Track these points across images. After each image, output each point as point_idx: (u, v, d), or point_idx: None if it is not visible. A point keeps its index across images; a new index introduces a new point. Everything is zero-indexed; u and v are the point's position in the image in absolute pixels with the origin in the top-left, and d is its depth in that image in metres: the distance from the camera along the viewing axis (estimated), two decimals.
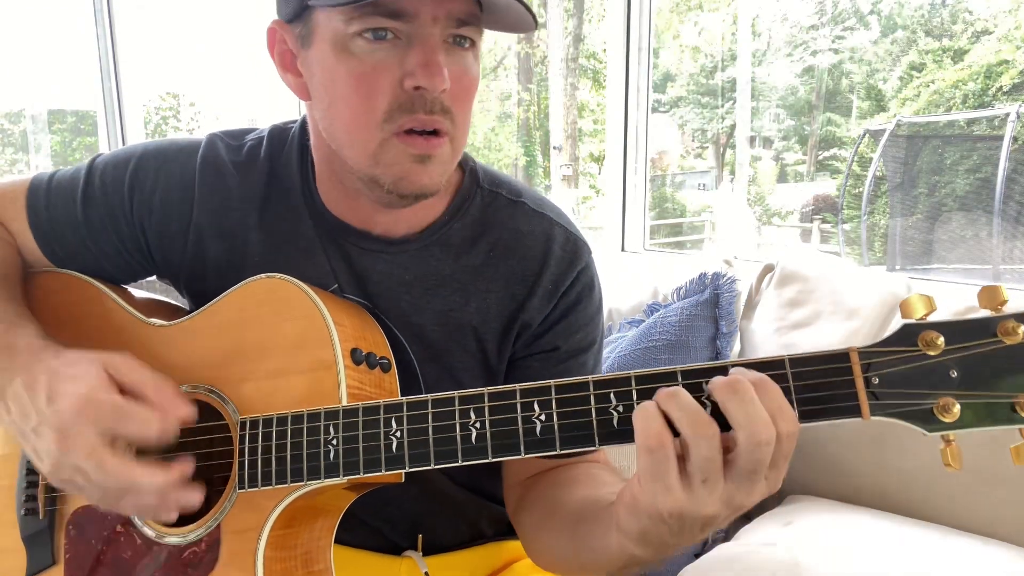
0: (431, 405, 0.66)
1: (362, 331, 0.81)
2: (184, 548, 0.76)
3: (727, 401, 0.54)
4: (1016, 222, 5.90)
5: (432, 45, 0.73)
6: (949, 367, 0.53)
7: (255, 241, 0.88)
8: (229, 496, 0.74)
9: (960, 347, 0.53)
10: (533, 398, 0.62)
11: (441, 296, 0.88)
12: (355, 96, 0.75)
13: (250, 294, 0.81)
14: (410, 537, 0.98)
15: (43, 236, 0.90)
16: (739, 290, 1.50)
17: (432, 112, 0.75)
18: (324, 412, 0.70)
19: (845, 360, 0.55)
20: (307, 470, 0.70)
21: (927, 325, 0.54)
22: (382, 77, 0.74)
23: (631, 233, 2.33)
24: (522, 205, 0.91)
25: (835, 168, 10.77)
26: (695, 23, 12.07)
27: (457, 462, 0.64)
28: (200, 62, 7.97)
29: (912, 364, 0.54)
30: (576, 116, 12.01)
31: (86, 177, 0.90)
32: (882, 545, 1.07)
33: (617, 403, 0.60)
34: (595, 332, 0.93)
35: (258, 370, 0.77)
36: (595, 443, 0.60)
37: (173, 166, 0.89)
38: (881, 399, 0.54)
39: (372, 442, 0.67)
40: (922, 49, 9.25)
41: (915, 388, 0.54)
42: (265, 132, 0.93)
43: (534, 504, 0.85)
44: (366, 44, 0.73)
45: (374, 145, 0.76)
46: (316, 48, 0.76)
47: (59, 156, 6.40)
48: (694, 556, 1.24)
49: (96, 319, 0.88)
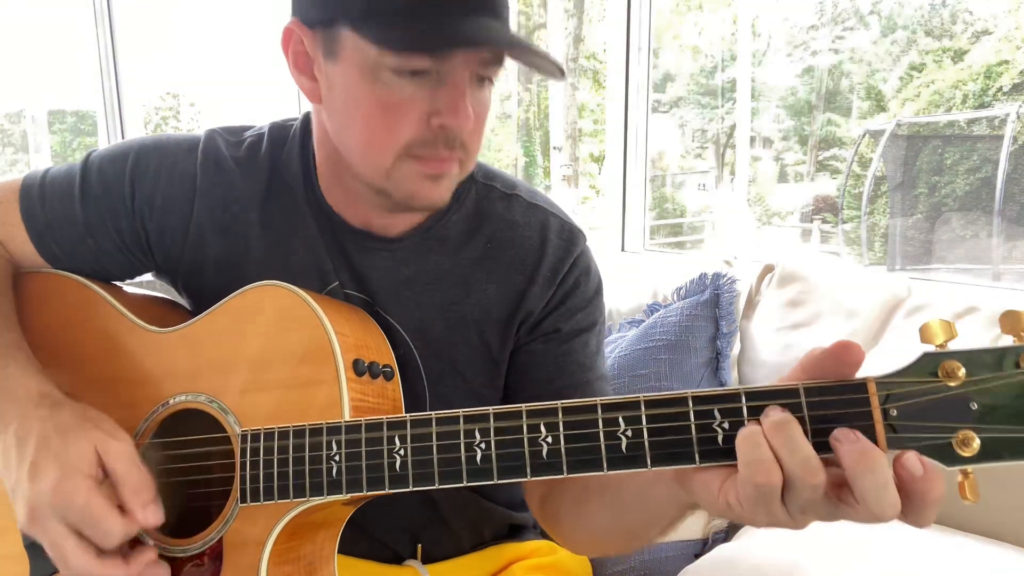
0: (435, 423, 0.64)
1: (364, 338, 0.80)
2: (187, 560, 0.75)
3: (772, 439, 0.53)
4: (1016, 222, 5.90)
5: (462, 87, 0.73)
6: (969, 399, 0.51)
7: (256, 237, 0.88)
8: (231, 509, 0.73)
9: (981, 379, 0.51)
10: (539, 419, 0.61)
11: (442, 290, 0.88)
12: (378, 123, 0.75)
13: (251, 302, 0.80)
14: (411, 545, 0.97)
15: (40, 236, 0.88)
16: (739, 290, 1.49)
17: (453, 148, 0.76)
18: (326, 427, 0.69)
19: (862, 391, 0.53)
20: (310, 486, 0.68)
21: (947, 354, 0.52)
22: (410, 111, 0.73)
23: (631, 233, 2.33)
24: (516, 198, 0.92)
25: (835, 168, 10.76)
26: (695, 23, 12.06)
27: (462, 483, 0.63)
28: (200, 62, 7.97)
29: (931, 396, 0.52)
30: (576, 116, 12.01)
31: (82, 173, 0.88)
32: (882, 545, 1.07)
33: (626, 427, 0.58)
34: (596, 313, 0.93)
35: (259, 381, 0.76)
36: (603, 468, 0.59)
37: (173, 161, 0.88)
38: (899, 432, 0.53)
39: (375, 460, 0.66)
40: (922, 49, 9.25)
41: (934, 421, 0.52)
42: (265, 129, 0.93)
43: (565, 486, 0.84)
44: (396, 76, 0.72)
45: (388, 166, 0.77)
46: (341, 66, 0.75)
47: (59, 156, 6.40)
48: (694, 556, 1.24)
49: (93, 325, 0.86)
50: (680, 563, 1.17)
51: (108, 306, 0.87)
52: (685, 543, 1.28)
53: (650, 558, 1.26)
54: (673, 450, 0.57)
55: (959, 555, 1.04)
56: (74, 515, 0.67)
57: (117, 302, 0.88)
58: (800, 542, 1.10)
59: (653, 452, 0.57)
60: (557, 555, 1.07)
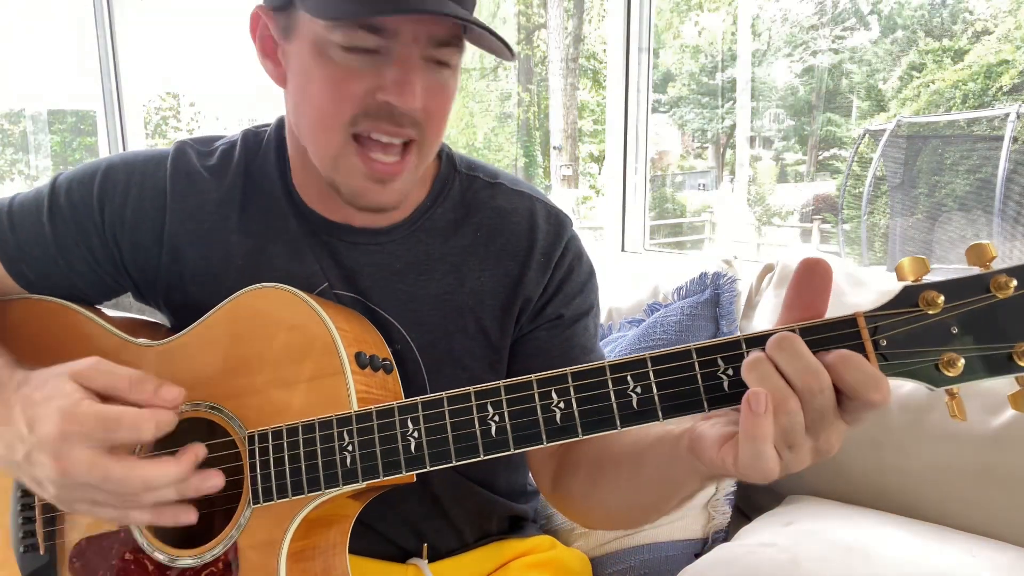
0: (447, 403, 0.65)
1: (362, 334, 0.80)
2: (200, 570, 0.74)
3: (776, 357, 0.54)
4: (1016, 222, 5.90)
5: (410, 64, 0.74)
6: (950, 324, 0.55)
7: (236, 244, 0.87)
8: (243, 512, 0.73)
9: (958, 304, 0.55)
10: (550, 387, 0.62)
11: (435, 279, 0.88)
12: (325, 98, 0.75)
13: (244, 306, 0.79)
14: (414, 539, 0.97)
15: (9, 259, 0.87)
16: (739, 290, 1.49)
17: (401, 125, 0.76)
18: (336, 419, 0.69)
19: (853, 325, 0.56)
20: (324, 478, 0.69)
21: (926, 286, 0.56)
22: (355, 85, 0.74)
23: (631, 233, 2.33)
24: (500, 186, 0.93)
25: (835, 168, 10.77)
26: (695, 23, 12.06)
27: (479, 456, 0.64)
28: (200, 62, 7.97)
29: (916, 324, 0.55)
30: (576, 116, 12.00)
31: (50, 196, 0.87)
32: (882, 545, 1.07)
33: (635, 385, 0.60)
34: (591, 297, 0.95)
35: (260, 382, 0.76)
36: (616, 425, 0.60)
37: (142, 176, 0.88)
38: (890, 359, 0.56)
39: (390, 444, 0.67)
40: (922, 49, 9.25)
41: (920, 346, 0.56)
42: (238, 136, 0.93)
43: (578, 464, 0.84)
44: (345, 52, 0.73)
45: (334, 148, 0.77)
46: (296, 44, 0.77)
47: (59, 156, 6.40)
48: (694, 556, 1.24)
49: (81, 345, 0.85)
50: (680, 563, 1.17)
51: (95, 325, 0.86)
52: (685, 543, 1.28)
53: (650, 558, 1.26)
54: (682, 400, 0.59)
55: (959, 555, 1.04)
56: (93, 426, 0.64)
57: (101, 320, 0.87)
58: (800, 542, 1.10)
59: (663, 404, 0.60)
60: (556, 551, 1.07)
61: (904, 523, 1.14)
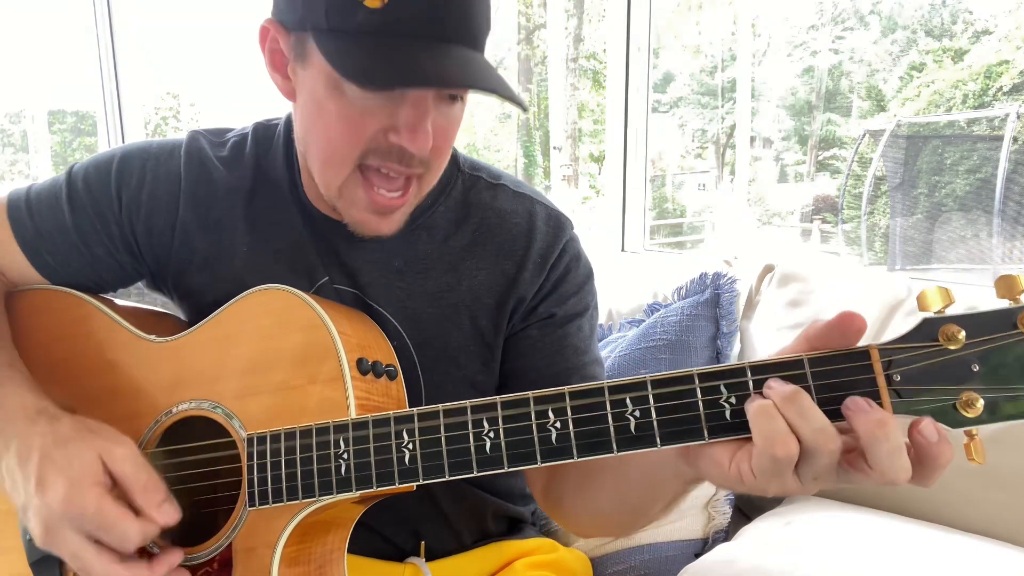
0: (443, 415, 0.64)
1: (366, 339, 0.80)
2: (196, 569, 0.75)
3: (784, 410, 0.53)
4: (1016, 222, 5.89)
5: (424, 107, 0.73)
6: (971, 361, 0.52)
7: (242, 233, 0.88)
8: (240, 513, 0.73)
9: (981, 340, 0.52)
10: (547, 405, 0.61)
11: (433, 278, 0.89)
12: (337, 133, 0.75)
13: (250, 306, 0.80)
14: (412, 540, 0.97)
15: (32, 247, 0.89)
16: (739, 290, 1.49)
17: (410, 166, 0.76)
18: (333, 426, 0.68)
19: (865, 358, 0.54)
20: (318, 485, 0.68)
21: (947, 319, 0.53)
22: (368, 123, 0.74)
23: (631, 233, 2.33)
24: (503, 187, 0.93)
25: (835, 168, 10.77)
26: (695, 23, 12.06)
27: (472, 473, 0.63)
28: (200, 62, 7.98)
29: (933, 359, 0.53)
30: (576, 116, 12.00)
31: (67, 183, 0.89)
32: (882, 545, 1.07)
33: (634, 408, 0.58)
34: (587, 298, 0.94)
35: (262, 384, 0.76)
36: (613, 450, 0.59)
37: (156, 162, 0.89)
38: (904, 396, 0.53)
39: (384, 455, 0.66)
40: (922, 49, 9.25)
41: (937, 384, 0.53)
42: (249, 129, 0.94)
43: (567, 472, 0.84)
44: (360, 91, 0.72)
45: (340, 179, 0.78)
46: (310, 72, 0.75)
47: (59, 156, 6.40)
48: (694, 556, 1.24)
49: (91, 338, 0.86)
50: (680, 563, 1.17)
51: (105, 318, 0.87)
52: (685, 543, 1.28)
53: (650, 558, 1.26)
54: (682, 427, 0.57)
55: (959, 555, 1.04)
56: (88, 523, 0.67)
57: (114, 314, 0.87)
58: (800, 542, 1.10)
59: (662, 431, 0.58)
60: (558, 553, 1.07)
61: (904, 523, 1.14)
